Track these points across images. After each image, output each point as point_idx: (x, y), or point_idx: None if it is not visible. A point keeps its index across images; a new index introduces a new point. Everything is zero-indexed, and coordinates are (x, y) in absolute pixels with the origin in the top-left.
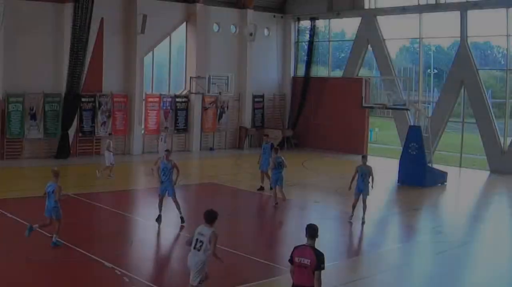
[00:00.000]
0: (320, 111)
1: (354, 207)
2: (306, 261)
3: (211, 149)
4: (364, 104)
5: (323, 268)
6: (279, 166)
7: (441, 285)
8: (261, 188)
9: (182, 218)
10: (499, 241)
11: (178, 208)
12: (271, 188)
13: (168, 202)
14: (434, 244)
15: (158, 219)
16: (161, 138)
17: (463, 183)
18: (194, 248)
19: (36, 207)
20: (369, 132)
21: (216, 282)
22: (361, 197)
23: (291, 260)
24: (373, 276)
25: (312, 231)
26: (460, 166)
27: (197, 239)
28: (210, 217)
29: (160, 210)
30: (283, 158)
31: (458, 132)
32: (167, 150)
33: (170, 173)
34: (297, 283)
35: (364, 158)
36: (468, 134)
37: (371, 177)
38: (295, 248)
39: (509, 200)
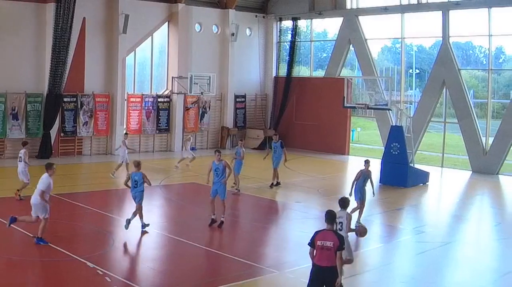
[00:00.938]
0: (302, 112)
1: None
2: (329, 244)
3: (193, 149)
4: (346, 104)
5: (344, 249)
6: None
7: (423, 285)
8: (278, 184)
9: (222, 222)
10: (480, 241)
11: (224, 211)
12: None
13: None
14: (416, 244)
15: (211, 223)
16: (186, 146)
17: (445, 183)
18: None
19: (19, 206)
20: (351, 133)
21: (198, 282)
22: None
23: (311, 244)
24: (355, 276)
25: (331, 217)
26: (442, 166)
27: (337, 222)
28: (344, 203)
29: (213, 213)
30: None
31: (440, 133)
32: (217, 150)
33: (223, 173)
34: (319, 263)
35: (367, 163)
36: (450, 134)
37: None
38: (316, 233)
39: (491, 200)
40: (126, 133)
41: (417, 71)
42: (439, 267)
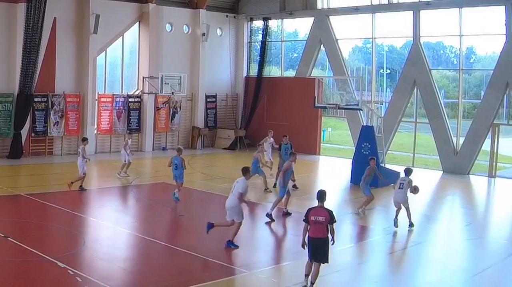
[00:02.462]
0: (272, 112)
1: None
2: (321, 219)
3: (164, 149)
4: (316, 104)
5: (335, 221)
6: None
7: (394, 285)
8: (294, 186)
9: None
10: (451, 241)
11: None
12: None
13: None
14: (387, 244)
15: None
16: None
17: (416, 183)
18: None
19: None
20: (322, 132)
21: (169, 282)
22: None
23: (306, 220)
24: (327, 276)
25: (322, 195)
26: (413, 166)
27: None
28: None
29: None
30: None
31: (411, 132)
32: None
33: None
34: (313, 236)
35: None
36: (420, 134)
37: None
38: (309, 209)
39: (462, 200)
40: (129, 133)
41: (388, 71)
42: (410, 267)
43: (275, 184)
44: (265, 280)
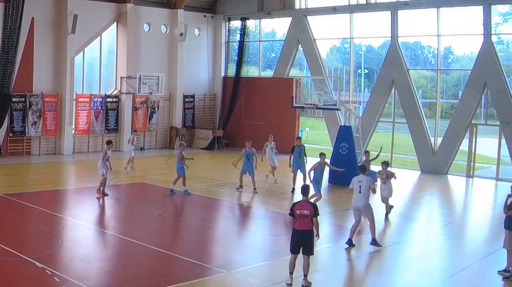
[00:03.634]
0: (250, 112)
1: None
2: (306, 212)
3: (142, 149)
4: (294, 104)
5: (319, 214)
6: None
7: (372, 285)
8: (293, 190)
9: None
10: (429, 241)
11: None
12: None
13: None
14: (364, 244)
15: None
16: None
17: (394, 182)
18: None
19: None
20: (300, 133)
21: (147, 282)
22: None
23: (291, 213)
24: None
25: (306, 190)
26: (390, 166)
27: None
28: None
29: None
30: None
31: (389, 132)
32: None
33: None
34: (299, 228)
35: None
36: (398, 134)
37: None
38: (295, 204)
39: (440, 200)
40: (135, 131)
41: (366, 71)
42: (388, 267)
43: (293, 189)
44: (244, 280)
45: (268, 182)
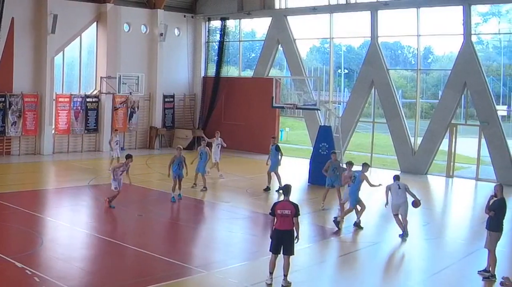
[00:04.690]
0: (230, 112)
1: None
2: (287, 212)
3: (122, 149)
4: (274, 104)
5: (300, 214)
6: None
7: (351, 285)
8: (268, 188)
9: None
10: (409, 241)
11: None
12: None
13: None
14: (344, 243)
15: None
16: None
17: (374, 182)
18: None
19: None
20: (280, 133)
21: (127, 282)
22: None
23: (272, 213)
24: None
25: (287, 189)
26: (370, 166)
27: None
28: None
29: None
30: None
31: (369, 132)
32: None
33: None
34: (280, 228)
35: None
36: (378, 134)
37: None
38: (276, 203)
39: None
40: (115, 130)
41: (346, 71)
42: (367, 267)
43: (268, 187)
44: (223, 280)
45: (211, 176)
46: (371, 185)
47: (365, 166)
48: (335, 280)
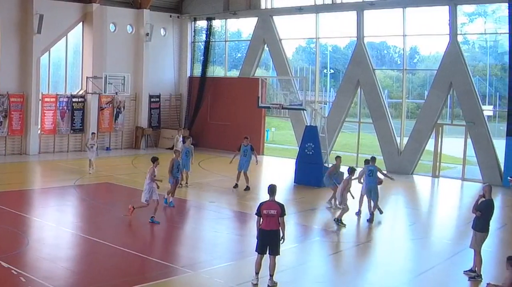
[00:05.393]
0: (216, 111)
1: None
2: (273, 212)
3: (108, 149)
4: (260, 104)
5: (285, 214)
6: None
7: (338, 285)
8: (236, 186)
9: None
10: (395, 241)
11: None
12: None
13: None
14: (330, 244)
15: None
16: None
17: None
18: None
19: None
20: (266, 133)
21: (113, 282)
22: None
23: (258, 213)
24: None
25: (273, 190)
26: (357, 166)
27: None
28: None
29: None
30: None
31: (355, 132)
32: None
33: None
34: (266, 228)
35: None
36: (364, 134)
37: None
38: (261, 204)
39: (405, 200)
40: (93, 133)
41: (332, 71)
42: (353, 267)
43: (236, 184)
44: (209, 280)
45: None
46: (385, 176)
47: (373, 160)
48: (321, 280)
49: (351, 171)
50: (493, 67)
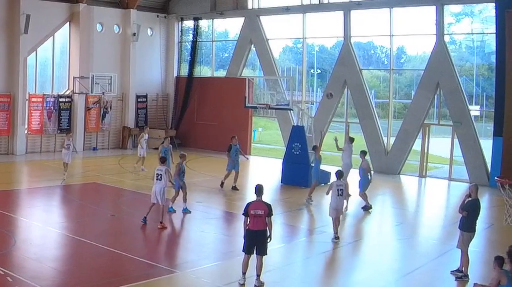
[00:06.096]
0: (203, 111)
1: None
2: (260, 212)
3: (94, 149)
4: (247, 105)
5: (273, 214)
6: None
7: (325, 285)
8: (222, 184)
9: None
10: (382, 241)
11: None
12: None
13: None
14: (317, 244)
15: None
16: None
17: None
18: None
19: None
20: (252, 133)
21: (100, 282)
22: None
23: (245, 213)
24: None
25: (260, 190)
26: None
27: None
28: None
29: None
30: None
31: (342, 132)
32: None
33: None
34: (253, 228)
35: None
36: (351, 134)
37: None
38: (249, 204)
39: (392, 200)
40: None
41: (319, 71)
42: (340, 267)
43: (222, 183)
44: (197, 280)
45: (137, 172)
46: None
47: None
48: (308, 280)
49: (339, 174)
50: (480, 67)
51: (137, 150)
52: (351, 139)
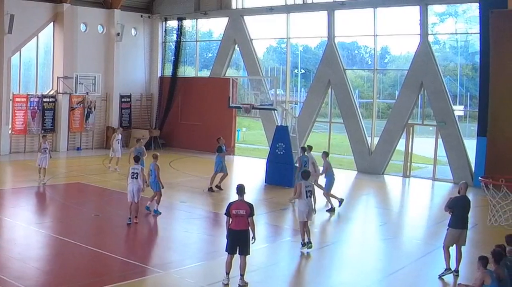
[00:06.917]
0: (187, 112)
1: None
2: (242, 212)
3: (78, 149)
4: (231, 105)
5: (254, 214)
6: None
7: (309, 285)
8: (218, 187)
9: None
10: (365, 241)
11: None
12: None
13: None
14: (300, 244)
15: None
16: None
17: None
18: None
19: None
20: (236, 133)
21: (83, 282)
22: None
23: (227, 213)
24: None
25: (241, 189)
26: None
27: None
28: (307, 174)
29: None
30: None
31: (326, 132)
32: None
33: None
34: (235, 228)
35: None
36: (335, 134)
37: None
38: (231, 203)
39: (376, 200)
40: (44, 136)
41: (303, 71)
42: (324, 267)
43: (213, 187)
44: (180, 280)
45: (111, 171)
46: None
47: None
48: (291, 280)
49: (306, 175)
50: (464, 67)
51: (109, 151)
52: (326, 154)
